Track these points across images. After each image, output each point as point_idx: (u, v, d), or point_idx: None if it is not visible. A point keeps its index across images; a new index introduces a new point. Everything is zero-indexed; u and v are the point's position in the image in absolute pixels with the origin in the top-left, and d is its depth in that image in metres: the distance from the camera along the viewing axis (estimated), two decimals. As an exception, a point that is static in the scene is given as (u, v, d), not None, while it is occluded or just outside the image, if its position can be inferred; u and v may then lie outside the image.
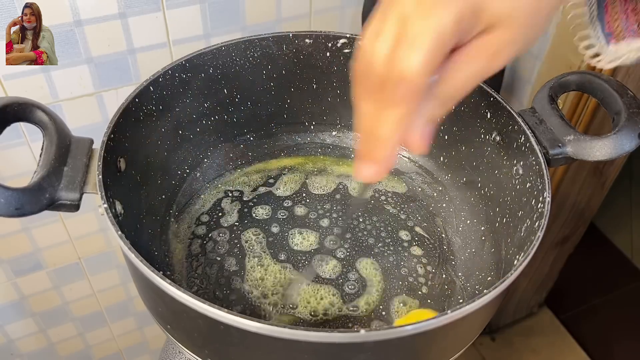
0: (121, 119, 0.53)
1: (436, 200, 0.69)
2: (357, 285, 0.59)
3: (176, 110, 0.63)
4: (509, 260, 0.54)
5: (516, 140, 0.57)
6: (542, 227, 0.47)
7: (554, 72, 0.92)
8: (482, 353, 1.56)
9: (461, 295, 0.60)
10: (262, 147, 0.73)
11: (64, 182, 0.47)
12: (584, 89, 0.59)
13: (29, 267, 0.92)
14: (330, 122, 0.74)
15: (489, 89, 0.60)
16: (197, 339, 0.45)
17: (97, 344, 1.15)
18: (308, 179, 0.70)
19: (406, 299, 0.59)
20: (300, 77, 0.69)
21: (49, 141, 0.49)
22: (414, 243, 0.64)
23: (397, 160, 0.72)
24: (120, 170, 0.54)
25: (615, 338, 1.62)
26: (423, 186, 0.70)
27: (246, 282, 0.59)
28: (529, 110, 0.59)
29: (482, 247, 0.62)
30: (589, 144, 0.54)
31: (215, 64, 0.64)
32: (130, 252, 0.42)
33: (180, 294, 0.39)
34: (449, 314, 0.40)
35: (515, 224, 0.56)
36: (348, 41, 0.66)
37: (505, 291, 0.45)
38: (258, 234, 0.63)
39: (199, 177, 0.68)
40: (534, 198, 0.52)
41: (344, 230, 0.64)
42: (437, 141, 0.69)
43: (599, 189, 1.22)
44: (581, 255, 1.46)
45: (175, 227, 0.63)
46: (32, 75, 0.69)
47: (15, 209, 0.43)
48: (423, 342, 0.42)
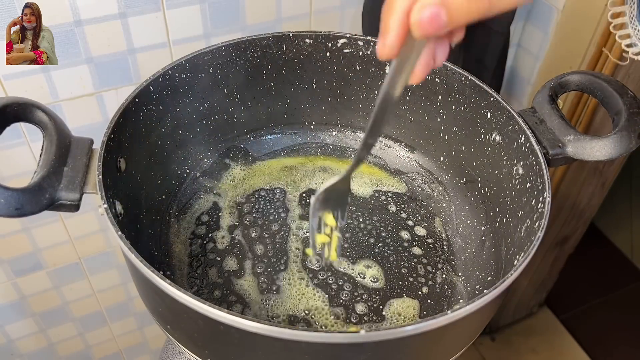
0: (121, 119, 0.53)
1: (436, 200, 0.69)
2: (357, 286, 0.59)
3: (176, 110, 0.63)
4: (509, 260, 0.54)
5: (516, 140, 0.57)
6: (542, 227, 0.47)
7: (554, 72, 0.92)
8: (482, 353, 1.56)
9: (461, 296, 0.60)
10: (262, 147, 0.73)
11: (64, 182, 0.47)
12: (584, 89, 0.58)
13: (29, 267, 0.92)
14: (330, 122, 0.74)
15: (488, 88, 0.60)
16: (198, 339, 0.45)
17: (97, 344, 1.14)
18: (308, 178, 0.70)
19: (406, 299, 0.58)
20: (300, 77, 0.69)
21: (49, 141, 0.49)
22: (414, 243, 0.64)
23: (397, 159, 0.72)
24: (121, 171, 0.54)
25: (615, 338, 1.62)
26: (423, 186, 0.70)
27: (246, 282, 0.58)
28: (529, 110, 0.59)
29: (482, 247, 0.62)
30: (589, 144, 0.54)
31: (215, 64, 0.64)
32: (131, 253, 0.42)
33: (181, 295, 0.39)
34: (449, 314, 0.40)
35: (515, 224, 0.56)
36: (348, 41, 0.66)
37: (506, 291, 0.45)
38: (258, 233, 0.63)
39: (199, 177, 0.68)
40: (534, 198, 0.52)
41: (343, 229, 0.64)
42: (437, 141, 0.69)
43: (599, 189, 1.22)
44: (581, 255, 1.45)
45: (175, 227, 0.63)
46: (32, 75, 0.69)
47: (15, 209, 0.43)
48: (423, 343, 0.42)
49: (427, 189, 0.70)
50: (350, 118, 0.74)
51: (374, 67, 0.68)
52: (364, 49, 0.67)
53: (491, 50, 0.88)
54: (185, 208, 0.65)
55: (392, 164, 0.73)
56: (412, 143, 0.72)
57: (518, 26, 0.99)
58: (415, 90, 0.67)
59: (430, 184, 0.70)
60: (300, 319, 0.56)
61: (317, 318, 0.56)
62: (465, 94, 0.62)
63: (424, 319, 0.39)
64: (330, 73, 0.69)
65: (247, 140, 0.73)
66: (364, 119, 0.73)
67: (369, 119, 0.42)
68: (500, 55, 0.90)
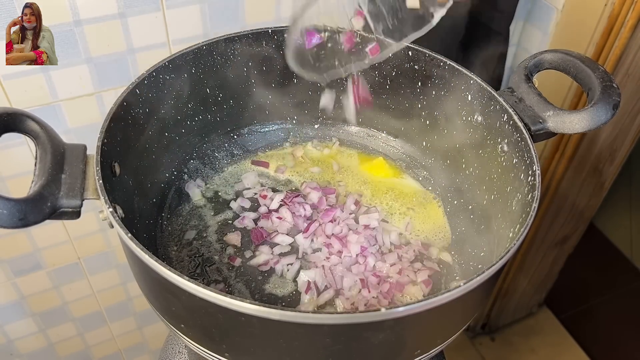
0: (112, 123, 0.53)
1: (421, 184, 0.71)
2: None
3: (161, 112, 0.63)
4: (502, 234, 0.56)
5: (499, 119, 0.59)
6: (536, 199, 0.49)
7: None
8: (482, 353, 1.57)
9: (456, 273, 0.62)
10: (246, 144, 0.73)
11: (64, 190, 0.46)
12: (558, 67, 0.61)
13: (29, 267, 0.90)
14: (313, 115, 0.75)
15: (467, 71, 0.62)
16: (215, 335, 0.45)
17: (96, 344, 1.13)
18: (294, 172, 0.71)
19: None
20: (281, 73, 0.70)
21: (42, 150, 0.48)
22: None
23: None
24: (116, 175, 0.53)
25: (615, 338, 1.62)
26: (407, 171, 0.72)
27: (244, 277, 0.59)
28: (507, 90, 0.61)
29: (471, 225, 0.64)
30: (568, 117, 0.56)
31: (197, 63, 0.64)
32: (144, 254, 0.42)
33: (204, 291, 0.39)
34: (462, 286, 0.41)
35: (504, 199, 0.58)
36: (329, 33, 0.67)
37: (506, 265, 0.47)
38: (247, 227, 0.63)
39: (187, 179, 0.68)
40: (523, 172, 0.54)
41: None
42: (418, 127, 0.71)
43: (598, 189, 1.23)
44: (581, 255, 1.45)
45: (168, 229, 0.63)
46: (32, 75, 0.68)
47: (19, 219, 0.42)
48: (437, 315, 0.44)
49: (411, 174, 0.72)
50: (331, 110, 0.75)
51: (355, 58, 0.69)
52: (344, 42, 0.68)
53: (491, 50, 0.90)
54: (176, 210, 0.65)
55: (375, 152, 0.74)
56: (394, 131, 0.74)
57: (518, 26, 1.01)
58: (395, 78, 0.69)
59: (414, 169, 0.72)
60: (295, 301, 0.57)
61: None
62: (445, 78, 0.65)
63: (442, 291, 0.40)
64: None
65: (230, 139, 0.73)
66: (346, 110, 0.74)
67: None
68: (500, 55, 0.92)
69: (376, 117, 0.74)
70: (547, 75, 0.64)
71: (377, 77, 0.69)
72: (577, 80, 0.60)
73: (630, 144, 1.15)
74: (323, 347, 0.42)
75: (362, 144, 0.75)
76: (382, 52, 0.59)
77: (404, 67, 0.67)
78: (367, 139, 0.75)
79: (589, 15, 0.90)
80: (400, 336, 0.44)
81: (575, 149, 1.09)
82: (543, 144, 1.12)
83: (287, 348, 0.43)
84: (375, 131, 0.75)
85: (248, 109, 0.72)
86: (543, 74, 0.62)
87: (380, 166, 0.71)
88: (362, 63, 0.61)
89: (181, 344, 0.75)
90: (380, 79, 0.69)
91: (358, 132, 0.76)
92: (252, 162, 0.71)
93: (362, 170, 0.71)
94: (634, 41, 0.91)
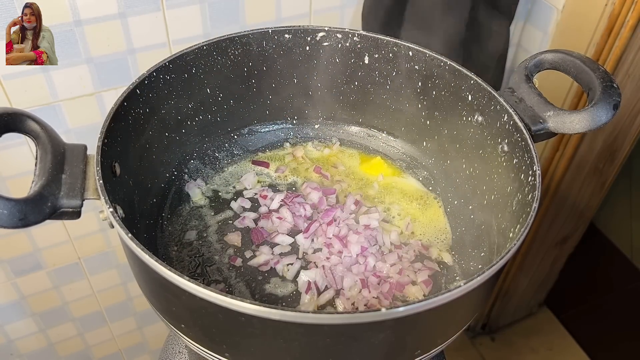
0: (112, 123, 0.53)
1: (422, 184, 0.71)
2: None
3: (162, 112, 0.63)
4: (503, 234, 0.56)
5: (499, 119, 0.59)
6: (536, 199, 0.49)
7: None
8: (482, 353, 1.56)
9: (456, 273, 0.62)
10: (246, 144, 0.73)
11: (64, 190, 0.46)
12: (558, 67, 0.61)
13: (29, 267, 0.90)
14: (312, 115, 0.75)
15: (468, 72, 0.62)
16: (215, 335, 0.45)
17: (96, 344, 1.13)
18: (295, 172, 0.71)
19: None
20: (281, 73, 0.70)
21: (42, 150, 0.48)
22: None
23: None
24: (116, 175, 0.53)
25: (615, 338, 1.61)
26: (407, 172, 0.72)
27: (244, 277, 0.59)
28: (508, 90, 0.61)
29: (472, 225, 0.64)
30: (568, 117, 0.56)
31: (197, 63, 0.64)
32: (145, 254, 0.42)
33: (204, 291, 0.39)
34: (462, 286, 0.41)
35: (504, 199, 0.58)
36: (327, 34, 0.67)
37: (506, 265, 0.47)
38: (248, 228, 0.63)
39: (187, 179, 0.68)
40: (523, 173, 0.54)
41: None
42: (419, 127, 0.71)
43: (598, 188, 1.23)
44: (581, 255, 1.44)
45: (169, 229, 0.63)
46: (32, 75, 0.68)
47: (19, 219, 0.42)
48: (438, 315, 0.44)
49: (411, 174, 0.72)
50: (331, 111, 0.75)
51: (353, 59, 0.69)
52: (342, 42, 0.68)
53: (491, 50, 0.90)
54: (176, 210, 0.65)
55: (375, 152, 0.74)
56: (394, 131, 0.74)
57: (518, 26, 1.01)
58: (395, 78, 0.69)
59: (414, 169, 0.72)
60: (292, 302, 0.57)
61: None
62: (445, 78, 0.64)
63: (443, 291, 0.41)
64: (310, 67, 0.70)
65: (231, 139, 0.73)
66: (345, 110, 0.74)
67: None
68: (500, 55, 0.92)
69: (376, 117, 0.74)
70: (547, 76, 0.64)
71: (377, 77, 0.69)
72: (577, 81, 0.60)
73: (630, 144, 1.15)
74: (323, 347, 0.42)
75: (362, 144, 0.75)
76: None
77: (404, 67, 0.67)
78: (367, 139, 0.75)
79: (589, 16, 0.90)
80: (401, 336, 0.44)
81: (575, 149, 1.09)
82: (543, 144, 1.12)
83: (287, 348, 0.43)
84: (375, 131, 0.75)
85: (248, 109, 0.72)
86: (543, 74, 0.62)
87: (378, 166, 0.71)
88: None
89: (181, 344, 0.75)
90: (380, 79, 0.69)
91: (358, 132, 0.76)
92: (253, 162, 0.71)
93: (362, 170, 0.72)
94: (634, 41, 0.91)
